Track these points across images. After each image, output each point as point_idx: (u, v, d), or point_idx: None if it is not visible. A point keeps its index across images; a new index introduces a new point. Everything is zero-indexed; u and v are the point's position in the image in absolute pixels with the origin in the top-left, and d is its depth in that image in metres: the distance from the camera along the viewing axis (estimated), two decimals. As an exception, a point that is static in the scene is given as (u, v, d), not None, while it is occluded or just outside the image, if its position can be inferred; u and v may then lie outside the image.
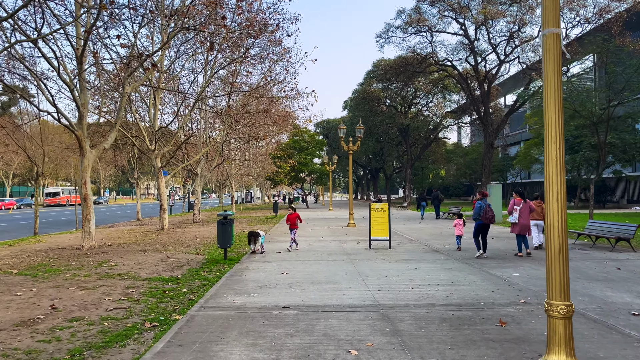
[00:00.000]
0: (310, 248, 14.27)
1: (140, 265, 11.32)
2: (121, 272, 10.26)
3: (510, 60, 28.54)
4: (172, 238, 18.01)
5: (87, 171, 14.36)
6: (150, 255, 12.97)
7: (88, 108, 14.59)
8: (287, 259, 11.99)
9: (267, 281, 9.09)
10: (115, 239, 17.99)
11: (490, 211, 12.33)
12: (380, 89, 50.75)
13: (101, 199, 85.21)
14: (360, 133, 22.98)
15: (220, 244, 11.46)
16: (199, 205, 27.95)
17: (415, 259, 11.85)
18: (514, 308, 6.96)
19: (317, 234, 19.12)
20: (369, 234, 14.11)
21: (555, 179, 4.22)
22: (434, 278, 9.29)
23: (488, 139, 29.19)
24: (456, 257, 12.26)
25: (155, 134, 20.31)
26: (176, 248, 14.75)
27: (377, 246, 14.34)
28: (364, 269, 10.43)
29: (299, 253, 13.14)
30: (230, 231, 11.48)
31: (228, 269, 10.56)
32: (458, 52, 29.35)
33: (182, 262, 11.71)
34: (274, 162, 45.50)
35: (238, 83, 22.94)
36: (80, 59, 13.60)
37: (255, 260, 11.80)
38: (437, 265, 10.84)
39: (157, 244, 16.06)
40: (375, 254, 12.78)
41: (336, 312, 6.79)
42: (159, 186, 21.32)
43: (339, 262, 11.47)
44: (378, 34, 30.71)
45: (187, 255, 13.09)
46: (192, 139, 30.85)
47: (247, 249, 14.15)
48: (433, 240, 16.21)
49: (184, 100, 20.32)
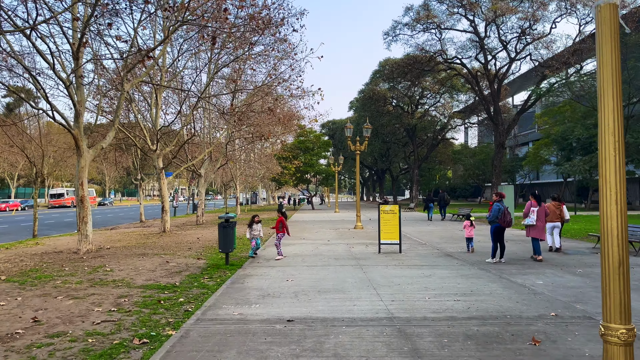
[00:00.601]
0: (317, 252, 13.60)
1: (137, 270, 10.68)
2: (116, 279, 9.62)
3: (522, 58, 27.77)
4: (174, 241, 17.39)
5: (84, 172, 13.76)
6: (148, 260, 12.34)
7: (85, 106, 13.99)
8: (292, 264, 11.32)
9: (270, 289, 8.42)
10: (115, 242, 17.40)
11: (508, 214, 11.64)
12: (386, 88, 50.03)
13: (106, 201, 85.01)
14: (368, 132, 22.29)
15: (222, 248, 10.81)
16: (202, 206, 27.35)
17: (428, 265, 11.15)
18: (545, 322, 6.25)
19: (323, 236, 18.44)
20: (379, 237, 13.42)
21: (613, 179, 3.53)
22: (451, 286, 8.59)
23: (498, 139, 28.41)
24: (471, 262, 11.55)
25: (157, 134, 19.72)
26: (177, 252, 14.12)
27: (387, 250, 13.64)
28: (374, 275, 9.74)
29: (305, 258, 12.47)
30: (232, 235, 10.83)
31: (229, 275, 9.91)
32: (467, 50, 28.65)
33: (181, 268, 11.06)
34: (279, 163, 44.88)
35: (242, 81, 22.34)
36: (76, 55, 13.01)
37: (259, 266, 11.14)
38: (452, 272, 10.13)
39: (157, 247, 15.44)
40: (386, 259, 12.08)
41: (347, 326, 6.11)
42: (160, 187, 20.72)
43: (348, 267, 10.78)
44: (385, 31, 30.06)
45: (187, 259, 12.45)
46: (196, 140, 30.30)
47: (248, 255, 13.50)
48: (445, 244, 15.50)
49: (187, 99, 19.72)
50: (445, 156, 61.41)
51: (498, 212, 11.50)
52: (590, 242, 15.63)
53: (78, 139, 13.51)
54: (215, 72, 20.53)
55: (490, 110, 29.00)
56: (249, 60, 19.57)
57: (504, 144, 28.54)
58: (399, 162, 69.28)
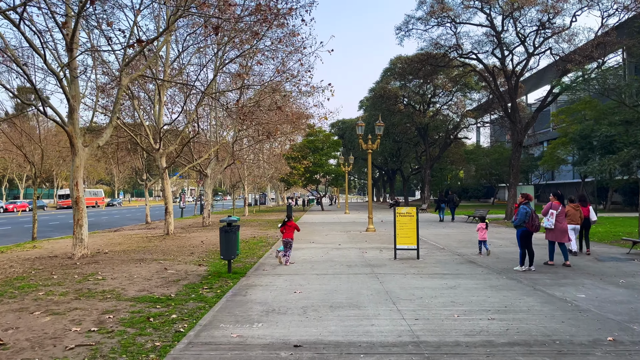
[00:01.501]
0: (328, 258, 12.60)
1: (131, 279, 9.76)
2: (105, 289, 8.70)
3: (541, 53, 26.50)
4: (176, 244, 16.49)
5: (79, 171, 12.89)
6: (146, 266, 11.43)
7: (84, 102, 13.13)
8: (300, 272, 10.33)
9: (276, 303, 7.44)
10: (115, 245, 16.55)
11: (537, 217, 10.60)
12: (398, 87, 48.82)
13: (115, 201, 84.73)
14: (380, 130, 21.27)
15: (224, 255, 9.85)
16: (208, 207, 26.48)
17: (451, 273, 10.10)
18: (603, 351, 5.19)
19: (334, 239, 17.44)
20: (394, 242, 12.39)
21: None
22: (481, 300, 7.55)
23: (516, 138, 27.18)
24: (498, 270, 10.48)
25: (160, 132, 18.85)
26: (177, 257, 13.20)
27: (403, 256, 12.61)
28: (392, 286, 8.72)
29: (315, 264, 11.47)
30: (235, 240, 9.87)
31: (231, 285, 8.95)
32: (483, 45, 27.45)
33: (180, 276, 10.13)
34: (287, 163, 43.95)
35: (249, 76, 21.43)
36: (70, 45, 12.14)
37: (264, 274, 10.17)
38: (479, 282, 9.08)
39: (158, 251, 14.54)
40: (403, 266, 11.05)
41: (365, 354, 5.11)
42: (163, 187, 19.86)
43: (362, 276, 9.77)
44: (397, 26, 28.92)
45: (187, 266, 11.52)
46: (202, 139, 29.46)
47: (255, 259, 12.55)
48: (464, 249, 14.42)
49: (189, 95, 18.82)
50: (457, 156, 60.02)
51: (525, 216, 10.45)
52: (623, 247, 14.45)
53: (72, 137, 12.64)
54: (221, 67, 19.63)
55: (507, 108, 27.77)
56: (256, 56, 18.63)
57: (521, 143, 27.28)
58: (410, 162, 68.03)
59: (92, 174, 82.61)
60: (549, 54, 25.99)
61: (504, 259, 12.32)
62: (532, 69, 28.59)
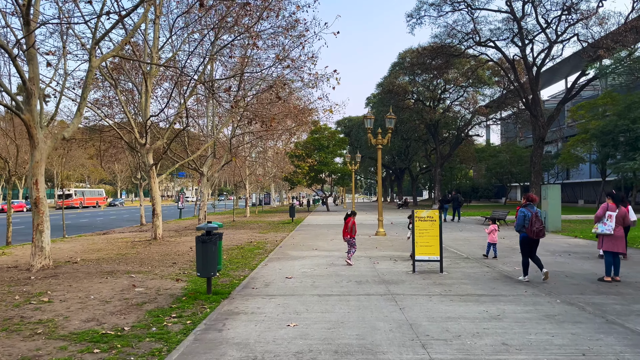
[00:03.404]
0: (333, 271, 10.53)
1: (84, 302, 7.76)
2: (43, 318, 6.70)
3: (565, 40, 24.30)
4: (161, 251, 14.49)
5: (40, 167, 10.92)
6: (112, 282, 9.42)
7: (39, 84, 11.16)
8: (298, 292, 8.29)
9: (260, 346, 5.39)
10: (92, 252, 14.59)
11: (537, 222, 8.85)
12: (407, 81, 46.57)
13: (117, 201, 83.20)
14: (391, 123, 19.19)
15: (201, 271, 7.79)
16: (204, 209, 24.50)
17: (487, 294, 8.01)
18: None
19: (340, 246, 15.38)
20: (413, 251, 10.30)
21: None
22: (544, 342, 5.46)
23: (538, 133, 24.99)
24: (546, 289, 8.38)
25: (146, 125, 16.87)
26: (155, 268, 11.19)
27: (423, 268, 10.53)
28: (417, 315, 6.65)
29: (317, 280, 9.42)
30: (214, 252, 7.83)
31: (207, 313, 6.92)
32: (501, 33, 25.24)
33: (147, 296, 8.11)
34: (291, 161, 41.91)
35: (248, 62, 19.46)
36: (26, 17, 10.15)
37: (253, 295, 8.12)
38: (528, 308, 6.99)
39: (136, 261, 12.54)
40: (425, 283, 8.97)
41: None
42: (151, 187, 17.87)
43: (376, 298, 7.71)
44: (408, 13, 26.82)
45: (162, 281, 9.50)
46: (199, 135, 27.50)
47: (247, 271, 10.51)
48: (492, 258, 12.31)
49: (178, 82, 16.79)
50: (468, 154, 57.70)
51: (523, 220, 8.92)
52: (680, 257, 12.29)
53: (30, 126, 10.67)
54: (215, 53, 17.63)
55: (528, 101, 25.57)
56: (254, 41, 16.60)
57: (544, 138, 25.10)
58: (419, 160, 65.80)
59: (94, 174, 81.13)
60: (573, 41, 23.76)
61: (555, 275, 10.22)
62: (554, 58, 26.40)
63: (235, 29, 15.80)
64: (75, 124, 11.62)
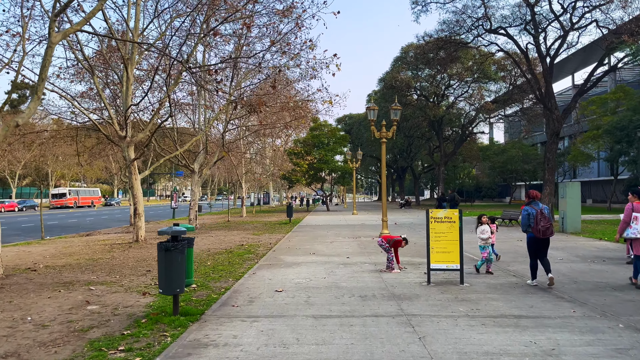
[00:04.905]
0: (332, 281, 8.86)
1: (14, 326, 6.10)
2: (-54, 353, 5.05)
3: (582, 27, 22.62)
4: (138, 256, 12.83)
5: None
6: (63, 297, 7.77)
7: None
8: (289, 311, 6.62)
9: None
10: (62, 257, 12.94)
11: (543, 219, 7.99)
12: (410, 76, 44.83)
13: (113, 201, 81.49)
14: (397, 115, 17.52)
15: (163, 287, 6.08)
16: (195, 208, 22.85)
17: (526, 315, 6.34)
18: None
19: (340, 250, 13.72)
20: (428, 259, 8.63)
21: None
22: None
23: (553, 127, 23.28)
24: (597, 308, 6.72)
25: (126, 115, 15.20)
26: (124, 278, 9.53)
27: (439, 279, 8.87)
28: (443, 348, 4.99)
29: (312, 294, 7.75)
30: (182, 263, 6.14)
31: (166, 345, 5.25)
32: (514, 20, 23.57)
33: (99, 318, 6.45)
34: (290, 159, 40.26)
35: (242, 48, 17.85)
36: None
37: (230, 317, 6.45)
38: (588, 338, 5.33)
39: (105, 268, 10.88)
40: (445, 298, 7.31)
41: None
42: (132, 184, 16.20)
43: (386, 322, 6.04)
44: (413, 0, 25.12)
45: (125, 295, 7.84)
46: (189, 130, 25.89)
47: (230, 282, 8.84)
48: (516, 264, 10.65)
49: (159, 66, 15.11)
50: (472, 152, 55.97)
51: (527, 219, 8.12)
52: None
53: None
54: (204, 36, 15.98)
55: (542, 93, 23.88)
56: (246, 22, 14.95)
57: (558, 133, 23.38)
58: (422, 159, 64.10)
59: (89, 173, 79.40)
60: (588, 30, 22.04)
61: (583, 282, 8.59)
62: (569, 48, 24.69)
63: (223, 8, 14.13)
64: (31, 109, 9.95)
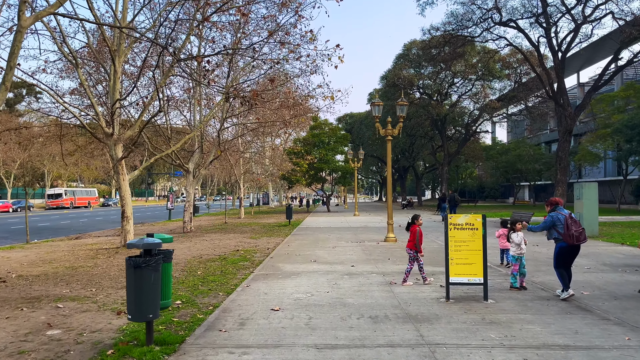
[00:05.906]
0: (336, 297, 7.74)
1: (-48, 359, 4.99)
2: None
3: (597, 20, 21.53)
4: (121, 265, 11.70)
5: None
6: (23, 317, 6.66)
7: None
8: (285, 341, 5.51)
9: None
10: (40, 265, 11.83)
11: (574, 224, 7.23)
12: (412, 74, 43.73)
13: (110, 201, 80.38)
14: (403, 111, 16.46)
15: (133, 312, 4.95)
16: (190, 210, 21.75)
17: (573, 344, 5.23)
18: None
19: (344, 256, 12.60)
20: (447, 271, 7.51)
21: None
22: None
23: (565, 124, 22.19)
24: (656, 335, 5.62)
25: (112, 111, 14.10)
26: (100, 291, 8.42)
27: (457, 293, 7.76)
28: (484, 399, 3.88)
29: (314, 316, 6.64)
30: (157, 283, 5.03)
31: (130, 390, 4.14)
32: (525, 12, 22.48)
33: (57, 347, 5.34)
34: (289, 158, 39.14)
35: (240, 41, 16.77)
36: None
37: (215, 348, 5.34)
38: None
39: (83, 278, 9.77)
40: (470, 320, 6.19)
41: None
42: (119, 184, 15.09)
43: (403, 353, 4.93)
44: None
45: (96, 315, 6.73)
46: (184, 128, 24.80)
47: (221, 297, 7.71)
48: (541, 275, 9.53)
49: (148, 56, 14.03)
50: (475, 152, 54.89)
51: (555, 224, 7.37)
52: None
53: None
54: (196, 26, 14.88)
55: (553, 89, 22.79)
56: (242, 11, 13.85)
57: (571, 131, 22.31)
58: (424, 158, 63.00)
59: (87, 173, 78.23)
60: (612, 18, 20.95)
61: (624, 297, 7.49)
62: (581, 42, 23.60)
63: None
64: (1, 98, 8.83)
